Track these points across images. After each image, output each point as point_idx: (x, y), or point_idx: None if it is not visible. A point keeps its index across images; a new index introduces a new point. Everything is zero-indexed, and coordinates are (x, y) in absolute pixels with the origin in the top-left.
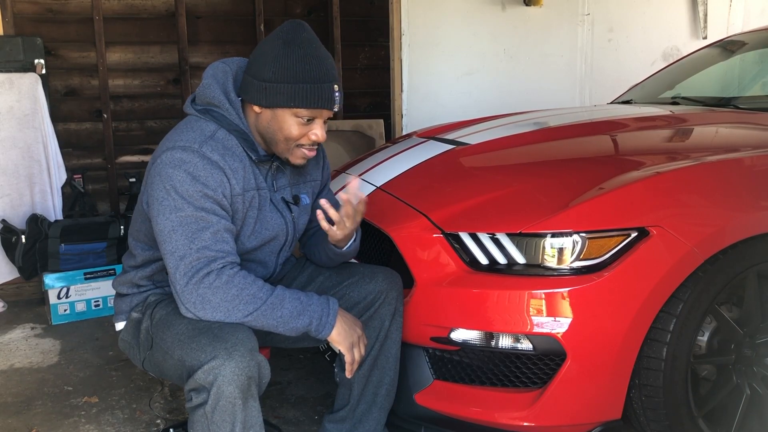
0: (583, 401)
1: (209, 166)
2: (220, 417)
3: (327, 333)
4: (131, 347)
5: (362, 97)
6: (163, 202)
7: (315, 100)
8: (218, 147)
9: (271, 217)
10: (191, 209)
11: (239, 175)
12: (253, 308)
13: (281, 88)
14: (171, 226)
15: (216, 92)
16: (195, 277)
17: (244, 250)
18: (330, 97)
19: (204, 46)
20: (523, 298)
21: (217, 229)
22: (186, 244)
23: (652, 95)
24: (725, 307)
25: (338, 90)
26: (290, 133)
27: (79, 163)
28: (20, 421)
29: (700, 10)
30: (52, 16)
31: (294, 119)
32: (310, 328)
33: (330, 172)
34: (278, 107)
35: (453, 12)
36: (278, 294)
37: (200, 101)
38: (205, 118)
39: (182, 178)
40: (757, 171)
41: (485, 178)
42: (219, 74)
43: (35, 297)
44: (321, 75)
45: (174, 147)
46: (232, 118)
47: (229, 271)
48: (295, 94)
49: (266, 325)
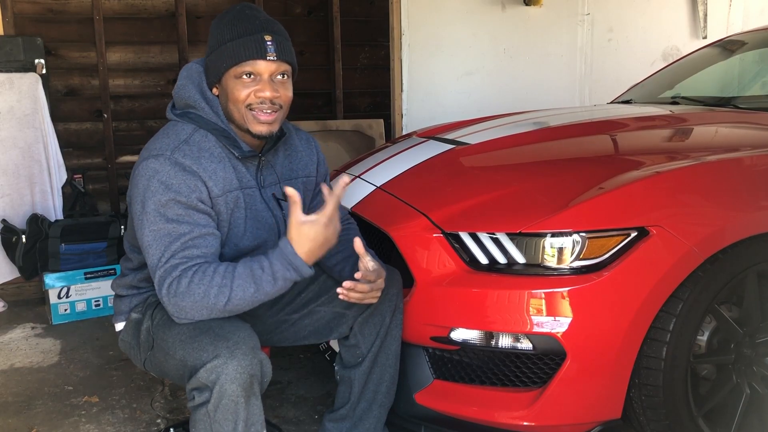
0: (583, 401)
1: (181, 173)
2: (222, 415)
3: (306, 272)
4: (132, 347)
5: (362, 97)
6: (139, 216)
7: (244, 53)
8: (192, 150)
9: (263, 215)
10: (162, 222)
11: (218, 177)
12: (224, 298)
13: (215, 55)
14: (147, 241)
15: (191, 92)
16: (163, 289)
17: (240, 251)
18: (260, 46)
19: (204, 46)
20: (523, 297)
21: (189, 237)
22: (157, 258)
23: (652, 95)
24: (725, 307)
25: (272, 40)
26: (236, 96)
27: (79, 163)
28: (20, 421)
29: (699, 10)
30: (52, 16)
31: (236, 81)
32: (289, 282)
33: (327, 170)
34: (221, 76)
35: (453, 12)
36: (240, 273)
37: (178, 104)
38: (183, 121)
39: (155, 188)
40: (757, 171)
41: (485, 178)
42: (193, 74)
43: (35, 297)
44: (248, 28)
45: (149, 156)
46: (209, 117)
47: (188, 272)
48: (224, 54)
49: (248, 304)
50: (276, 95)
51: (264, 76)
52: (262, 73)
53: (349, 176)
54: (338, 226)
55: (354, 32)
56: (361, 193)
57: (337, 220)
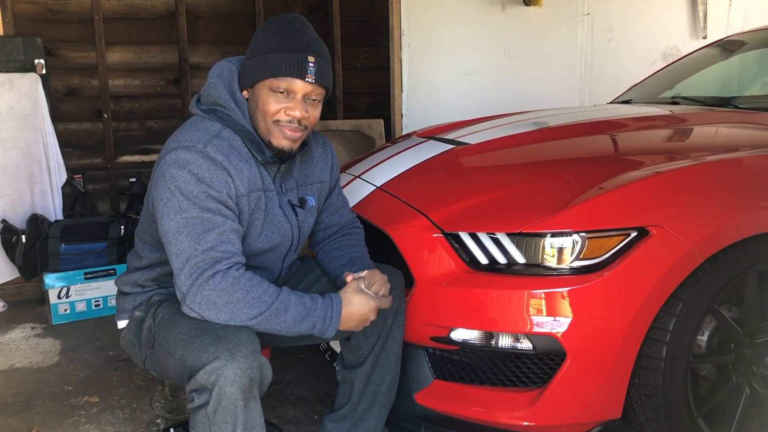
0: (583, 401)
1: (213, 167)
2: (221, 418)
3: (330, 335)
4: (133, 346)
5: (362, 97)
6: (167, 203)
7: (284, 69)
8: (223, 147)
9: (279, 220)
10: (196, 210)
11: (244, 176)
12: (257, 312)
13: (255, 61)
14: (176, 227)
15: (221, 92)
16: (200, 278)
17: (251, 253)
18: (302, 66)
19: (204, 46)
20: (523, 297)
21: (223, 230)
22: (191, 246)
23: (652, 95)
24: (725, 307)
25: (314, 62)
26: (266, 108)
27: (79, 163)
28: (20, 421)
29: (699, 10)
30: (52, 16)
31: (269, 93)
32: (313, 332)
33: (339, 173)
34: (255, 83)
35: (453, 12)
36: (283, 298)
37: (205, 101)
38: (210, 118)
39: (186, 179)
40: (757, 171)
41: (485, 178)
42: (225, 73)
43: (35, 297)
44: (294, 45)
45: (178, 147)
46: (237, 118)
47: (235, 272)
48: (264, 64)
49: (269, 328)
50: (305, 116)
51: (298, 96)
52: (297, 92)
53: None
54: (373, 318)
55: (354, 32)
56: (361, 193)
57: (375, 313)
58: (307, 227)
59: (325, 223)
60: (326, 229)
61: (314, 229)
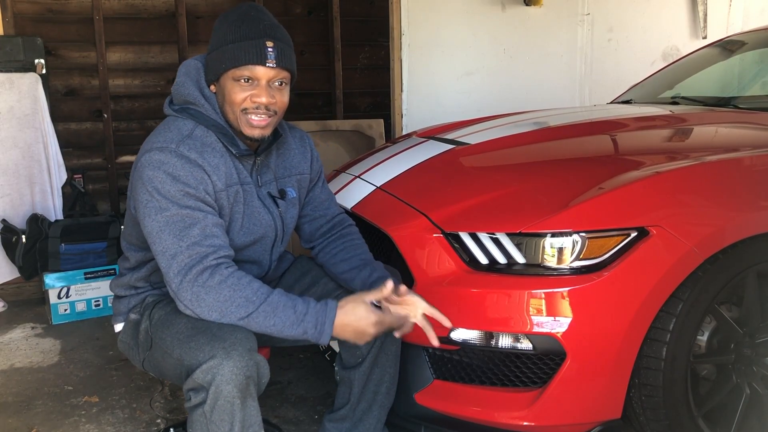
0: (583, 401)
1: (188, 165)
2: (218, 416)
3: (325, 341)
4: (130, 348)
5: (362, 97)
6: (147, 204)
7: (244, 57)
8: (196, 145)
9: (259, 212)
10: (176, 208)
11: (221, 171)
12: (245, 312)
13: (216, 54)
14: (158, 227)
15: (190, 89)
16: (189, 274)
17: (236, 246)
18: (261, 52)
19: (204, 46)
20: (523, 297)
21: (205, 225)
22: (175, 243)
23: (652, 95)
24: (725, 307)
25: (273, 47)
26: (232, 98)
27: (79, 163)
28: (20, 421)
29: (699, 10)
30: (52, 16)
31: (234, 83)
32: (306, 337)
33: (321, 166)
34: (220, 76)
35: (453, 12)
36: (272, 301)
37: (177, 100)
38: (182, 117)
39: (162, 179)
40: (757, 171)
41: (485, 178)
42: (191, 71)
43: (35, 297)
44: (251, 32)
45: (152, 149)
46: (208, 114)
47: (224, 270)
48: (225, 56)
49: (261, 330)
50: (272, 101)
51: (262, 82)
52: (260, 79)
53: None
54: (375, 333)
55: (354, 32)
56: (361, 193)
57: (383, 330)
58: (290, 218)
59: (311, 216)
60: (312, 221)
61: (300, 222)
